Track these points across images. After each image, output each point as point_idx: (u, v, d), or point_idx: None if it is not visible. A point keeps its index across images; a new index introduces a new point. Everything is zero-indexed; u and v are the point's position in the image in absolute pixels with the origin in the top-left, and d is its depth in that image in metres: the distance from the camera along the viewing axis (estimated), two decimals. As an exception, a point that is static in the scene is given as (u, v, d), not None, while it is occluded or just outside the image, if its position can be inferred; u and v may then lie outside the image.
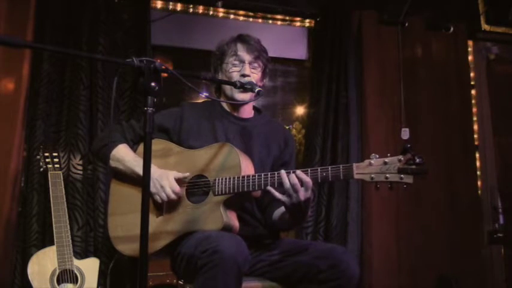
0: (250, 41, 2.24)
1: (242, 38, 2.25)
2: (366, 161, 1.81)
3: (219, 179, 1.99)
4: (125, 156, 2.13)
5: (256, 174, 1.95)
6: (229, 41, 2.26)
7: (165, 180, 2.02)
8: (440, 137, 3.96)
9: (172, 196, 2.02)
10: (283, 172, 1.89)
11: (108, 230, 2.17)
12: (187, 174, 2.06)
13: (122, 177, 2.16)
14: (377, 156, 1.80)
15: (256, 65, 2.22)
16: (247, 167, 2.01)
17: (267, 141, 2.25)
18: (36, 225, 3.06)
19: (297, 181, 1.86)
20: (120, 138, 2.19)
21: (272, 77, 4.00)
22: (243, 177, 1.95)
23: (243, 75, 2.17)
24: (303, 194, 1.87)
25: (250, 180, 1.94)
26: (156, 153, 2.11)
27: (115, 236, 2.15)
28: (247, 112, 2.30)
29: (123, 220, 2.12)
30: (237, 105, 2.26)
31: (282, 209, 2.07)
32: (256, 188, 1.94)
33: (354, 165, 1.82)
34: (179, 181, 2.05)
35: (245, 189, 1.94)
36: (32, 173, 3.10)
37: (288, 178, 1.87)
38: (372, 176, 1.79)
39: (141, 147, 2.19)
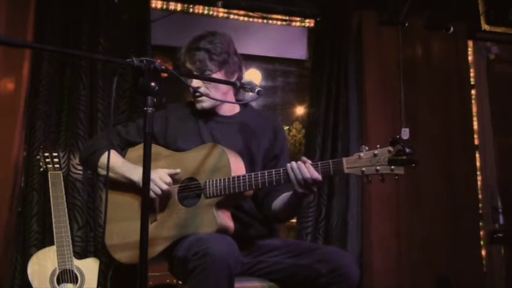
0: (193, 50, 2.14)
1: (188, 47, 2.17)
2: (356, 155, 1.78)
3: (209, 181, 1.97)
4: (114, 163, 2.09)
5: (247, 175, 1.93)
6: (183, 51, 2.19)
7: (154, 174, 1.99)
8: (440, 137, 3.96)
9: (165, 187, 1.99)
10: (288, 165, 1.87)
11: (104, 239, 2.15)
12: (178, 170, 2.04)
13: (113, 184, 2.13)
14: (366, 148, 1.77)
15: (208, 72, 2.12)
16: (237, 167, 1.99)
17: (255, 136, 2.21)
18: (36, 225, 3.06)
19: (307, 173, 1.85)
20: (107, 145, 2.15)
21: (272, 77, 4.00)
22: (234, 178, 1.93)
23: (193, 90, 2.12)
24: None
25: (241, 180, 1.92)
26: None
27: (111, 244, 2.12)
28: (229, 109, 2.26)
29: (118, 228, 2.11)
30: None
31: (282, 198, 2.07)
32: (248, 188, 1.92)
33: (344, 159, 1.80)
34: (172, 177, 2.03)
35: (236, 190, 1.93)
36: (32, 173, 3.10)
37: (292, 170, 1.86)
38: (363, 169, 1.76)
39: (129, 153, 2.19)
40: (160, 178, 2.00)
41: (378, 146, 1.75)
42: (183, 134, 2.18)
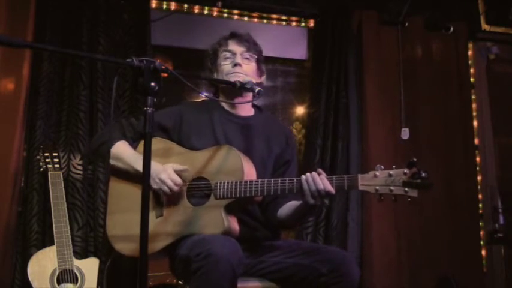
0: (240, 35, 2.26)
1: (232, 34, 2.28)
2: (371, 173, 1.80)
3: (220, 183, 1.96)
4: (124, 153, 2.10)
5: (259, 180, 1.93)
6: (221, 39, 2.28)
7: (164, 174, 1.99)
8: (440, 137, 3.96)
9: (175, 188, 1.98)
10: (303, 177, 1.88)
11: (106, 229, 2.14)
12: (186, 167, 2.03)
13: (121, 175, 2.13)
14: (382, 167, 1.79)
15: (248, 56, 2.22)
16: (249, 172, 1.99)
17: (267, 140, 2.23)
18: (36, 225, 3.06)
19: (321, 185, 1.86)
20: (119, 136, 2.15)
21: (272, 77, 4.00)
22: (245, 182, 1.93)
23: (235, 65, 2.18)
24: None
25: (253, 185, 1.92)
26: (157, 152, 2.09)
27: (113, 234, 2.11)
28: (246, 110, 2.28)
29: (122, 219, 2.10)
30: (234, 104, 2.25)
31: (288, 206, 2.08)
32: (259, 193, 1.92)
33: (359, 176, 1.81)
34: (179, 174, 2.02)
35: (247, 194, 1.93)
36: (32, 173, 3.10)
37: (307, 181, 1.86)
38: (377, 188, 1.78)
39: (141, 146, 2.16)
40: (171, 179, 1.99)
41: (394, 166, 1.78)
42: (198, 131, 2.17)
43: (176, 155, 2.12)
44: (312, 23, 3.96)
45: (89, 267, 2.83)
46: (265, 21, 3.88)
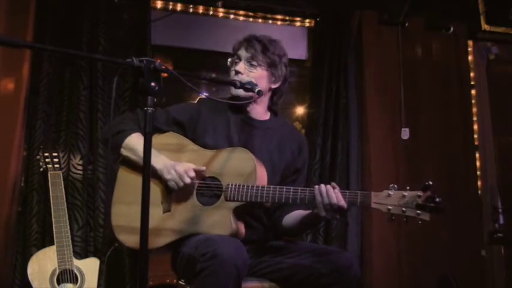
0: (250, 40, 2.20)
1: (247, 37, 2.23)
2: (385, 192, 1.81)
3: (232, 185, 1.95)
4: (138, 145, 2.04)
5: (271, 187, 1.92)
6: (236, 42, 2.24)
7: (179, 166, 1.99)
8: (441, 137, 3.96)
9: (187, 180, 1.97)
10: (316, 188, 1.87)
11: (111, 218, 2.11)
12: (203, 167, 2.02)
13: (131, 166, 2.10)
14: (395, 186, 1.80)
15: (254, 63, 2.16)
16: (262, 177, 1.98)
17: (280, 145, 2.21)
18: (36, 225, 3.06)
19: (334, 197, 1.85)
20: (134, 127, 2.12)
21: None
22: (257, 187, 1.92)
23: (236, 73, 2.15)
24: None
25: (265, 191, 1.91)
26: (170, 146, 2.08)
27: (117, 225, 2.09)
28: (261, 114, 2.25)
29: (128, 210, 2.08)
30: (246, 105, 2.21)
31: (295, 215, 2.08)
32: (270, 200, 1.92)
33: (372, 194, 1.82)
34: (196, 172, 2.01)
35: (258, 199, 1.92)
36: (32, 173, 3.10)
37: (320, 193, 1.85)
38: (389, 207, 1.80)
39: (154, 138, 2.15)
40: (185, 171, 1.98)
41: (408, 187, 1.80)
42: (213, 130, 2.16)
43: (189, 152, 2.10)
44: (312, 23, 3.96)
45: (89, 267, 2.84)
46: (265, 21, 3.88)
